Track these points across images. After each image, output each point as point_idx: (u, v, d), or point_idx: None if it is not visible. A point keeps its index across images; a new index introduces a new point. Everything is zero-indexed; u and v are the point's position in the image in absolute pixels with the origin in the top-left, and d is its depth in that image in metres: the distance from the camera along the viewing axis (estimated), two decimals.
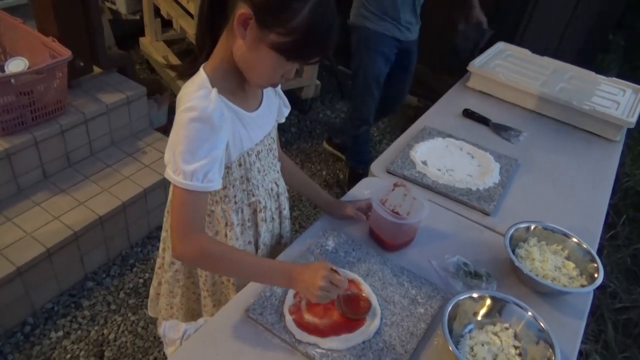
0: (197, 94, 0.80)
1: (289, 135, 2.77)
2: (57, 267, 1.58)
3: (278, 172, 1.05)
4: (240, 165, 0.92)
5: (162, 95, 2.39)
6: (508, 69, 1.80)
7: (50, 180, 1.76)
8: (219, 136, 0.81)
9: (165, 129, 2.51)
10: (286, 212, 1.11)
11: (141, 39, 3.04)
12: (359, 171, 2.41)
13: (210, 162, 0.80)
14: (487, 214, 1.20)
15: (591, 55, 2.73)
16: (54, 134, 1.71)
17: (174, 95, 2.70)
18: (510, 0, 2.55)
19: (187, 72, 0.89)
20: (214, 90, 0.81)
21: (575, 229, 1.10)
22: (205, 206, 0.86)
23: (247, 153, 0.91)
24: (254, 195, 0.98)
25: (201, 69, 0.84)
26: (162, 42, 3.04)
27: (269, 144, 0.99)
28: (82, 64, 1.86)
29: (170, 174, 0.80)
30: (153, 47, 2.95)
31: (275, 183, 1.04)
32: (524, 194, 1.30)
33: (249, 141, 0.91)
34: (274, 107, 1.01)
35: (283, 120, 1.06)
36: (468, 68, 1.76)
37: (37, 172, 1.73)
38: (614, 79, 1.83)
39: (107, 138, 1.94)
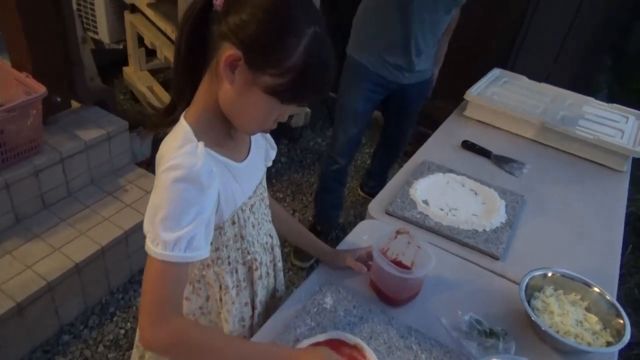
0: (181, 151, 0.69)
1: (279, 166, 2.68)
2: (29, 321, 1.45)
3: (270, 221, 0.95)
4: (233, 223, 0.81)
5: (145, 127, 2.29)
6: (506, 96, 1.73)
7: (23, 224, 1.64)
8: (208, 196, 0.71)
9: (149, 162, 2.41)
10: (280, 264, 1.00)
11: (125, 69, 2.95)
12: (317, 227, 2.18)
13: (196, 227, 0.69)
14: (496, 258, 1.11)
15: (586, 79, 2.69)
16: (27, 175, 1.60)
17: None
18: (502, 25, 2.51)
19: (164, 123, 0.79)
20: (201, 144, 0.71)
21: (591, 271, 1.02)
22: (186, 280, 0.74)
23: (241, 209, 0.81)
24: (249, 253, 0.87)
25: (182, 120, 0.74)
26: (147, 71, 2.95)
27: (261, 193, 0.89)
28: (59, 99, 1.76)
29: (148, 244, 0.68)
30: (137, 76, 2.86)
31: (270, 235, 0.94)
32: (533, 233, 1.22)
33: (241, 195, 0.81)
34: (262, 150, 0.92)
35: (270, 164, 0.97)
36: (465, 97, 1.69)
37: (9, 217, 1.61)
38: (615, 105, 1.77)
39: (86, 177, 1.83)
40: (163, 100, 2.74)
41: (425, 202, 1.25)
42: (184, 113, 0.76)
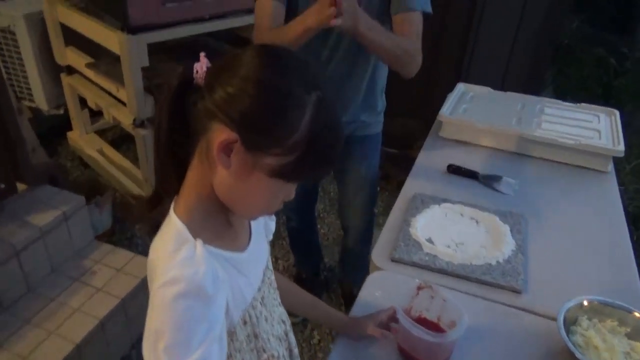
0: (178, 258, 0.58)
1: None
2: None
3: (280, 304, 0.84)
4: (245, 323, 0.70)
5: (102, 196, 2.12)
6: (478, 112, 1.70)
7: None
8: (216, 307, 0.60)
9: (112, 232, 2.23)
10: (296, 350, 0.89)
11: (69, 134, 2.76)
12: (301, 275, 2.10)
13: (208, 347, 0.57)
14: (518, 292, 1.04)
15: (536, 77, 2.74)
16: None
17: (115, 191, 2.45)
18: (449, 36, 2.52)
19: (150, 215, 0.68)
20: (199, 244, 0.60)
21: (615, 291, 0.98)
22: None
23: (252, 305, 0.70)
24: (264, 351, 0.75)
25: (173, 215, 0.63)
26: (93, 133, 2.77)
27: (269, 278, 0.78)
28: (2, 186, 1.58)
29: None
30: (84, 141, 2.68)
31: (282, 320, 0.82)
32: (544, 256, 1.16)
33: (250, 289, 0.70)
34: (261, 225, 0.81)
35: (271, 237, 0.86)
36: (439, 118, 1.64)
37: None
38: (582, 104, 1.78)
39: (46, 266, 1.64)
40: (116, 162, 2.58)
41: (430, 240, 1.17)
42: (173, 205, 0.65)
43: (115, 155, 2.60)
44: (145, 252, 1.95)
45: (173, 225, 0.63)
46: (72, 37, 2.40)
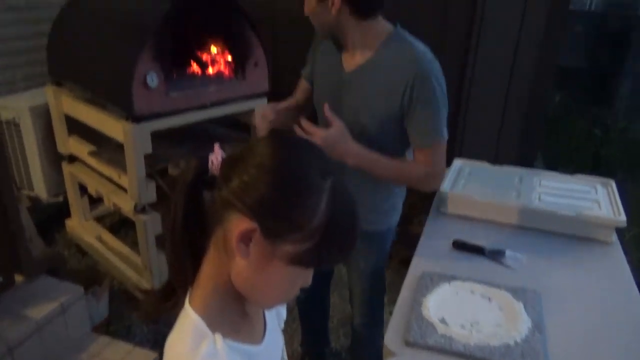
0: (199, 356, 0.56)
1: None
2: None
3: None
4: None
5: (100, 285, 2.06)
6: (478, 186, 1.72)
7: None
8: None
9: (109, 322, 2.15)
10: None
11: (68, 222, 2.75)
12: (304, 359, 2.03)
13: None
14: None
15: (530, 154, 2.82)
16: None
17: (113, 279, 2.39)
18: None
19: (163, 309, 0.66)
20: (219, 339, 0.58)
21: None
22: None
23: None
24: None
25: (189, 309, 0.62)
26: (92, 220, 2.76)
27: None
28: (0, 279, 1.54)
29: None
30: (82, 228, 2.66)
31: None
32: (562, 332, 1.13)
33: None
34: (274, 314, 0.79)
35: (283, 326, 0.83)
36: (439, 194, 1.66)
37: None
38: (578, 175, 1.82)
39: None
40: (113, 247, 2.54)
41: (443, 320, 1.14)
42: (188, 298, 0.64)
43: (114, 242, 2.58)
44: (143, 342, 1.88)
45: (189, 319, 0.61)
46: (75, 127, 2.47)
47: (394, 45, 1.28)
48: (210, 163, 0.63)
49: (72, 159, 2.55)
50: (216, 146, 0.66)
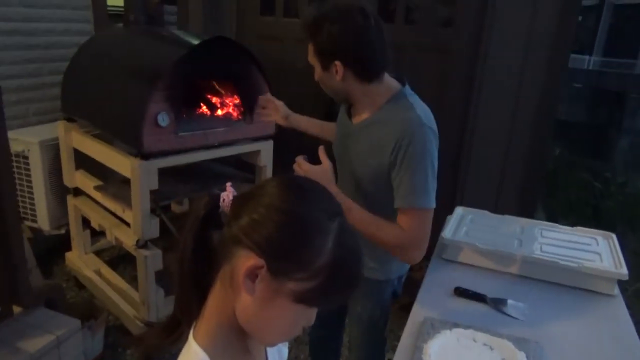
0: None
1: None
2: None
3: None
4: None
5: (97, 320, 2.04)
6: (480, 234, 1.74)
7: None
8: None
9: (102, 358, 2.11)
10: None
11: (67, 254, 2.74)
12: None
13: None
14: None
15: (531, 205, 2.85)
16: None
17: (109, 314, 2.36)
18: (442, 163, 2.67)
19: (166, 343, 0.66)
20: None
21: None
22: None
23: None
24: None
25: (193, 343, 0.62)
26: (92, 253, 2.76)
27: None
28: None
29: None
30: (82, 261, 2.66)
31: None
32: None
33: None
34: (276, 353, 0.79)
35: None
36: (442, 240, 1.67)
37: None
38: (578, 227, 1.83)
39: None
40: (112, 282, 2.52)
41: None
42: (192, 332, 0.64)
43: (113, 276, 2.56)
44: None
45: (193, 353, 0.62)
46: (81, 161, 2.51)
47: (395, 104, 1.32)
48: (221, 200, 0.66)
49: (77, 192, 2.58)
50: (228, 185, 0.69)
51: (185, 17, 3.06)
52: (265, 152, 2.40)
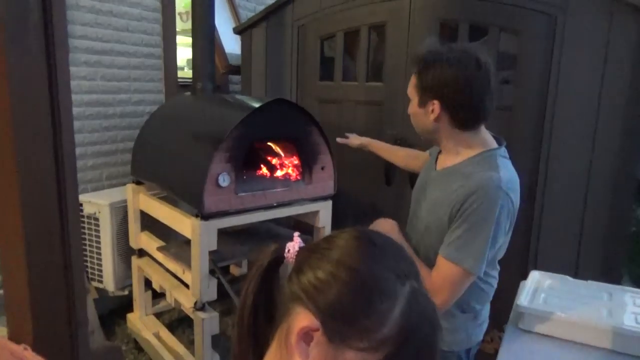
0: None
1: None
2: None
3: None
4: None
5: None
6: (561, 302, 1.56)
7: None
8: None
9: None
10: None
11: (129, 316, 2.77)
12: None
13: None
14: None
15: (615, 270, 2.59)
16: None
17: None
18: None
19: None
20: None
21: None
22: None
23: None
24: None
25: None
26: (152, 315, 2.77)
27: None
28: None
29: None
30: (142, 323, 2.66)
31: None
32: None
33: None
34: None
35: None
36: (517, 309, 1.52)
37: None
38: None
39: None
40: (169, 345, 2.50)
41: None
42: None
43: (171, 339, 2.54)
44: None
45: None
46: (147, 224, 2.59)
47: (482, 160, 1.27)
48: (286, 250, 0.62)
49: (142, 253, 2.64)
50: (296, 235, 0.65)
51: (248, 85, 3.21)
52: (324, 213, 2.36)
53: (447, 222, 1.25)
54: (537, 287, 1.69)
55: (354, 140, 1.97)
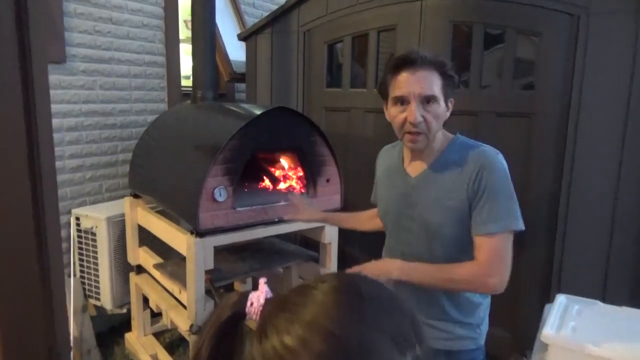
0: None
1: None
2: None
3: None
4: None
5: None
6: (593, 332, 1.39)
7: None
8: None
9: None
10: None
11: (127, 335, 2.65)
12: None
13: None
14: None
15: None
16: None
17: None
18: (533, 238, 2.32)
19: None
20: None
21: None
22: None
23: None
24: None
25: None
26: (151, 335, 2.64)
27: None
28: None
29: None
30: (140, 344, 2.53)
31: None
32: None
33: None
34: None
35: None
36: (543, 339, 1.35)
37: None
38: None
39: None
40: None
41: None
42: None
43: None
44: None
45: None
46: (146, 238, 2.47)
47: (459, 147, 1.33)
48: (249, 303, 0.47)
49: (140, 270, 2.51)
50: (261, 282, 0.51)
51: (253, 93, 3.09)
52: (330, 229, 2.21)
53: (467, 206, 1.27)
54: (565, 313, 1.52)
55: (306, 214, 1.75)
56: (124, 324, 2.74)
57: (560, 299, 1.60)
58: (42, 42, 1.37)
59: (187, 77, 3.47)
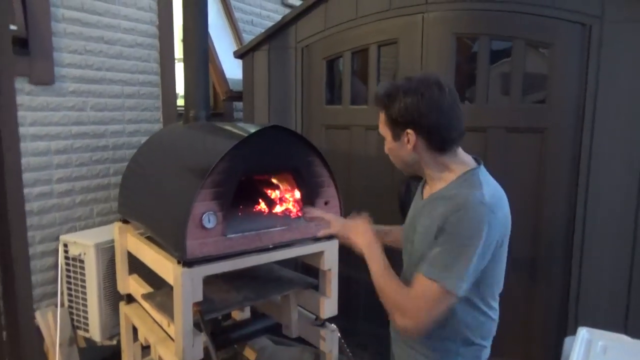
0: None
1: None
2: None
3: None
4: None
5: None
6: None
7: None
8: None
9: None
10: None
11: None
12: None
13: None
14: None
15: None
16: None
17: None
18: (545, 262, 2.16)
19: None
20: None
21: None
22: None
23: None
24: None
25: None
26: None
27: None
28: None
29: None
30: None
31: None
32: None
33: None
34: None
35: None
36: None
37: None
38: None
39: None
40: None
41: None
42: None
43: None
44: None
45: None
46: (137, 265, 2.33)
47: (464, 182, 1.25)
48: None
49: (130, 299, 2.38)
50: None
51: (251, 111, 2.99)
52: (330, 254, 2.07)
53: (432, 244, 1.24)
54: (589, 350, 1.36)
55: (340, 227, 1.59)
56: (114, 356, 2.59)
57: (582, 333, 1.44)
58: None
59: (183, 97, 3.37)
